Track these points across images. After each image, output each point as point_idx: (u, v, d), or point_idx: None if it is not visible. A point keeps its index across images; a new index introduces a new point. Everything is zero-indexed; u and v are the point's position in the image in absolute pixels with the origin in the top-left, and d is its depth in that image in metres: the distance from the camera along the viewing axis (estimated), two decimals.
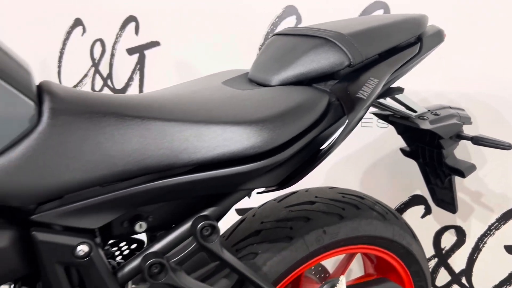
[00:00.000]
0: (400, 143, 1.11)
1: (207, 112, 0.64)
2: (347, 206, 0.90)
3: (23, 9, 1.96)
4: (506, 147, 0.92)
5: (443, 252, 1.34)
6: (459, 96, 1.22)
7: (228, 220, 0.83)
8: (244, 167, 0.63)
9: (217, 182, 0.64)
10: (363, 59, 0.74)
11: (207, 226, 0.66)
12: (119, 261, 0.79)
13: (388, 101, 0.94)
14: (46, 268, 0.58)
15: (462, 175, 0.99)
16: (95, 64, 1.87)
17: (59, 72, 2.00)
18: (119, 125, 0.58)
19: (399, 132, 1.07)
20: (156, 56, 1.72)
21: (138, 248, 0.83)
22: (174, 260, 0.67)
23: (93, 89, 1.91)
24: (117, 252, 0.83)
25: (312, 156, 0.74)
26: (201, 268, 0.76)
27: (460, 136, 0.98)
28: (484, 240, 1.28)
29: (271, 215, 0.89)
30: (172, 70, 1.67)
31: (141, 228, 0.67)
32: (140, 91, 1.77)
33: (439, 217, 1.33)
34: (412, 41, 0.83)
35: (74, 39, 1.89)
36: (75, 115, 0.55)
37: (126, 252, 0.83)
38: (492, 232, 1.26)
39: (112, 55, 1.81)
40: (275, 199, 0.95)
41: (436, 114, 0.97)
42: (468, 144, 1.24)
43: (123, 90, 1.82)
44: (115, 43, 1.79)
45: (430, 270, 1.30)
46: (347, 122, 0.69)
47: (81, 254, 0.59)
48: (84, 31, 1.87)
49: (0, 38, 0.59)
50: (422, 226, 1.33)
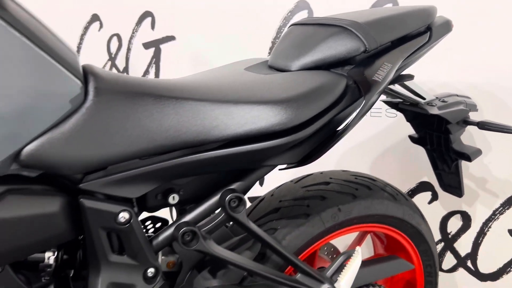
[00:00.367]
0: (407, 132, 1.15)
1: (235, 93, 0.70)
2: (360, 186, 0.96)
3: (42, 5, 2.01)
4: (511, 130, 0.97)
5: (449, 236, 1.39)
6: (465, 87, 1.27)
7: None
8: (270, 142, 0.69)
9: (245, 157, 0.70)
10: (378, 45, 0.80)
11: (234, 198, 0.71)
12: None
13: (399, 88, 1.00)
14: (91, 233, 0.64)
15: (469, 159, 1.04)
16: (112, 58, 1.93)
17: None
18: (156, 103, 0.63)
19: (408, 119, 1.13)
20: (171, 50, 1.76)
21: (162, 226, 0.88)
22: (204, 229, 0.72)
23: None
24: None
25: (330, 136, 0.79)
26: (224, 243, 0.82)
27: (466, 122, 1.03)
28: (489, 225, 1.33)
29: (288, 195, 0.94)
30: (187, 63, 1.72)
31: (173, 200, 0.73)
32: None
33: (445, 203, 1.38)
34: (422, 30, 0.89)
35: (91, 34, 1.95)
36: (117, 94, 0.61)
37: (151, 230, 0.89)
38: (496, 217, 1.31)
39: (128, 49, 1.86)
40: (291, 181, 1.00)
41: (443, 101, 1.02)
42: (473, 133, 1.29)
43: None
44: (132, 37, 1.84)
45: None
46: (363, 102, 0.75)
47: (122, 220, 0.64)
48: (101, 26, 1.92)
49: None
50: (429, 211, 1.37)
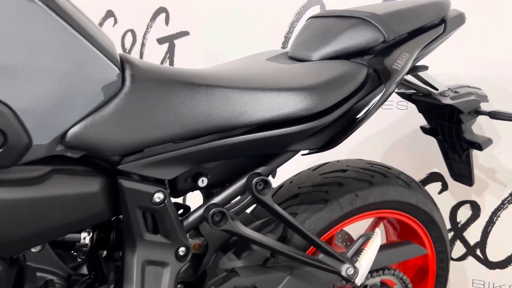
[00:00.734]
0: (417, 123, 1.19)
1: (261, 81, 0.74)
2: (376, 174, 1.00)
3: None
4: None
5: (459, 226, 1.43)
6: (475, 79, 1.31)
7: None
8: (295, 127, 0.73)
9: (271, 142, 0.73)
10: (396, 36, 0.83)
11: (260, 181, 0.75)
12: None
13: (412, 79, 1.03)
14: (128, 212, 0.67)
15: (480, 148, 1.07)
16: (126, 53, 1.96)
17: None
18: (188, 90, 0.67)
19: (420, 110, 1.16)
20: (185, 45, 1.80)
21: (183, 214, 0.92)
22: (231, 211, 0.76)
23: None
24: None
25: (350, 123, 0.83)
26: (248, 225, 0.86)
27: (478, 112, 1.07)
28: (498, 214, 1.36)
29: (307, 181, 0.98)
30: (201, 58, 1.76)
31: (202, 183, 0.76)
32: None
33: (455, 193, 1.41)
34: (436, 22, 0.92)
35: (106, 30, 1.98)
36: (152, 81, 0.65)
37: None
38: (505, 206, 1.35)
39: (142, 45, 1.89)
40: (309, 169, 1.04)
41: (456, 92, 1.06)
42: (483, 125, 1.32)
43: None
44: (146, 33, 1.88)
45: None
46: (384, 90, 0.79)
47: (157, 200, 0.68)
48: (115, 22, 1.96)
49: None
50: (439, 201, 1.39)
